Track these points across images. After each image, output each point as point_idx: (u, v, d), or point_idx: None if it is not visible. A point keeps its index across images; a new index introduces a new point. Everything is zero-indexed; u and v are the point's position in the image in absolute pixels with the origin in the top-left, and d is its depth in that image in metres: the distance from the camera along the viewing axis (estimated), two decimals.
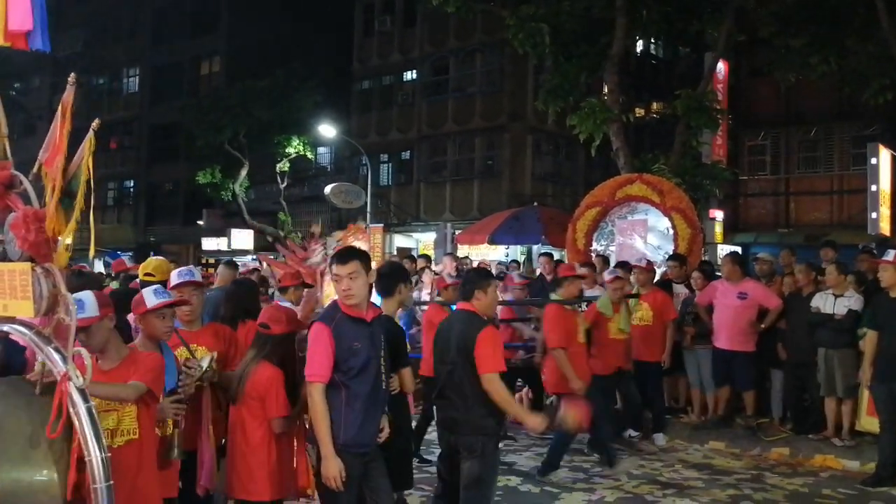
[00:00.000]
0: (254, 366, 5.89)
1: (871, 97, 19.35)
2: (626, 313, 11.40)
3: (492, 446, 6.45)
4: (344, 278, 5.66)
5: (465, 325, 6.57)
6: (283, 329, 5.99)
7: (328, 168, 44.79)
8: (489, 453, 6.43)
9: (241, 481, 5.85)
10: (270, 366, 5.86)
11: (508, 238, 25.48)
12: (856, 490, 9.80)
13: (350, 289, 5.66)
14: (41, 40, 4.74)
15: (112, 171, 51.79)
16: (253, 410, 5.82)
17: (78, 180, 4.38)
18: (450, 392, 6.55)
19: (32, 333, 4.19)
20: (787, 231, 33.22)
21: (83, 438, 3.99)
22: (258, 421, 5.81)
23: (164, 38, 50.65)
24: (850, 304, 11.06)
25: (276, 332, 5.98)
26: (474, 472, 6.40)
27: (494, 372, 6.35)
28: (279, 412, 5.77)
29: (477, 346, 6.34)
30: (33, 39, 4.69)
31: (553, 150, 37.34)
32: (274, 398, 5.77)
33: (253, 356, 5.99)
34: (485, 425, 6.41)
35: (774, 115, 34.03)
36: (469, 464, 6.42)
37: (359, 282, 5.68)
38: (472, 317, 6.66)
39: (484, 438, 6.40)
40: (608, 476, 10.32)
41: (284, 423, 5.83)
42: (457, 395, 6.48)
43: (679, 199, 15.61)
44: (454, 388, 6.50)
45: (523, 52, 20.46)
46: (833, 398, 11.33)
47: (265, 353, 5.93)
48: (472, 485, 6.41)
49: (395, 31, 40.02)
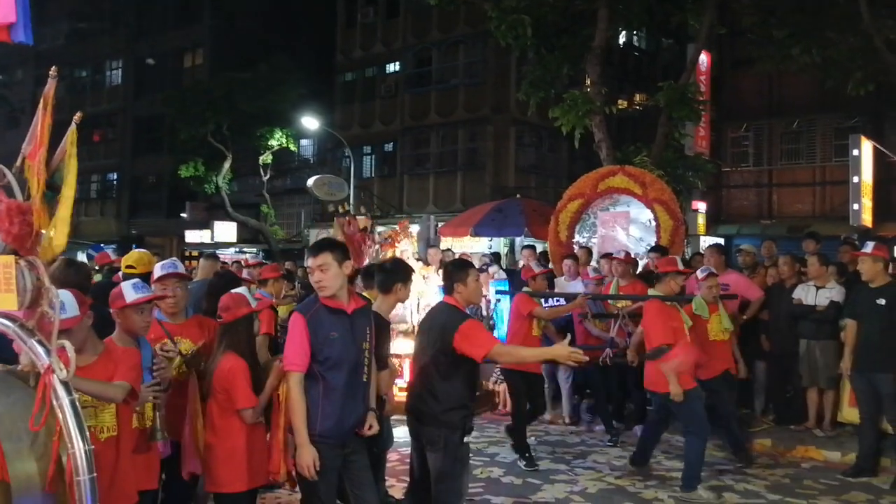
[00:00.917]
0: (218, 357, 5.89)
1: (853, 88, 19.42)
2: (724, 312, 10.83)
3: (456, 440, 6.41)
4: (315, 270, 5.71)
5: (445, 318, 6.57)
6: (231, 316, 5.96)
7: (311, 160, 44.75)
8: (452, 447, 6.40)
9: (210, 473, 5.86)
10: (233, 356, 5.85)
11: (491, 230, 25.47)
12: (837, 480, 9.86)
13: (321, 280, 5.70)
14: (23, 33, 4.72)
15: (95, 163, 51.65)
16: (220, 402, 5.82)
17: (61, 173, 4.38)
18: (419, 384, 6.58)
19: (16, 326, 4.18)
20: (770, 222, 33.29)
21: (66, 431, 4.00)
22: (226, 413, 5.80)
23: (147, 31, 50.45)
24: (831, 296, 11.14)
25: (225, 319, 5.97)
26: (438, 466, 6.40)
27: (489, 349, 6.33)
28: (244, 403, 5.76)
29: (460, 342, 6.31)
30: (16, 32, 4.67)
31: (536, 142, 37.36)
32: (238, 389, 5.76)
33: (216, 348, 6.01)
34: (449, 419, 6.39)
35: (757, 107, 34.06)
36: (434, 457, 6.43)
37: (329, 273, 5.69)
38: (452, 310, 6.65)
39: (447, 432, 6.37)
40: (590, 468, 10.38)
41: (253, 414, 5.81)
42: (425, 388, 6.49)
43: (661, 191, 15.64)
44: (424, 380, 6.52)
45: (506, 44, 20.44)
46: (815, 389, 11.43)
47: (224, 344, 5.94)
48: (439, 478, 6.41)
49: (377, 23, 39.98)
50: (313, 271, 5.72)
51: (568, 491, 9.39)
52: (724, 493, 9.26)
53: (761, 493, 9.36)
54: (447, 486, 6.41)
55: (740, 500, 9.11)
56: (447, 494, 6.44)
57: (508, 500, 9.05)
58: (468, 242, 26.24)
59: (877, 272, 9.90)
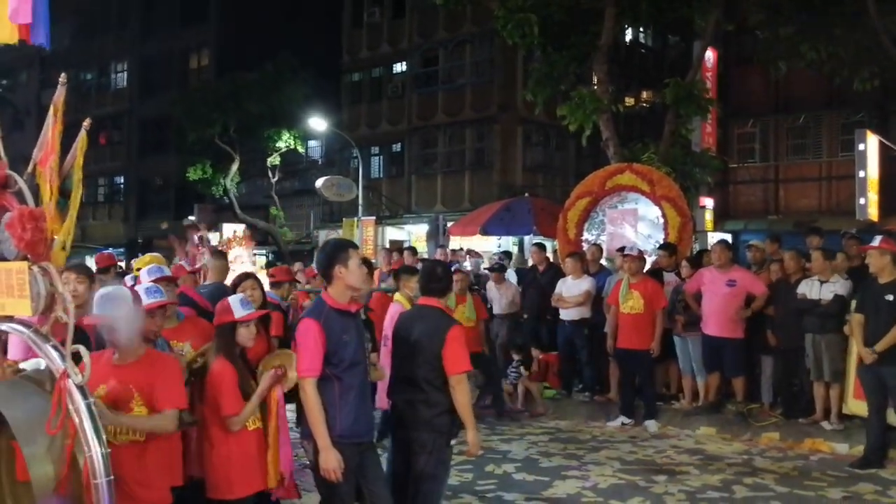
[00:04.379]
0: (211, 361, 5.88)
1: (859, 84, 19.43)
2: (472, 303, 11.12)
3: (442, 443, 6.38)
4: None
5: (432, 322, 6.48)
6: (216, 321, 5.98)
7: (319, 161, 44.62)
8: (439, 450, 6.37)
9: (208, 479, 5.82)
10: (221, 360, 5.83)
11: (500, 229, 25.51)
12: (845, 472, 9.89)
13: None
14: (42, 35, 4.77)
15: (102, 166, 51.54)
16: (211, 408, 5.78)
17: (72, 179, 4.43)
18: (406, 387, 6.46)
19: (31, 332, 4.24)
20: (777, 218, 33.25)
21: (83, 435, 4.05)
22: (216, 418, 5.76)
23: (152, 32, 50.45)
24: (836, 290, 11.14)
25: (216, 322, 5.99)
26: (423, 468, 6.34)
27: (463, 373, 6.32)
28: (229, 409, 5.70)
29: (446, 347, 6.26)
30: (35, 34, 4.72)
31: (543, 141, 37.26)
32: (224, 395, 5.72)
33: (210, 350, 6.01)
34: (438, 423, 6.34)
35: (763, 103, 34.03)
36: (421, 459, 6.36)
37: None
38: (439, 314, 6.59)
39: (436, 435, 6.33)
40: (601, 463, 10.42)
41: (238, 422, 5.74)
42: (414, 391, 6.39)
43: (669, 188, 15.68)
44: (411, 384, 6.41)
45: (512, 43, 20.44)
46: (821, 383, 11.43)
47: (216, 347, 5.94)
48: (422, 479, 6.36)
49: (384, 23, 39.88)
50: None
51: (579, 487, 9.41)
52: (733, 486, 9.31)
53: (770, 486, 9.39)
54: (430, 488, 6.39)
55: (749, 492, 9.15)
56: (430, 496, 6.44)
57: (520, 496, 9.09)
58: (476, 241, 26.26)
59: (884, 266, 9.93)
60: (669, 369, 13.73)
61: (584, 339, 13.79)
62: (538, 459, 10.71)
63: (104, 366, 4.99)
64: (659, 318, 12.40)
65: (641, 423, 12.41)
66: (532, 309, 14.99)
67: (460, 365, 6.30)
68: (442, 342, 6.27)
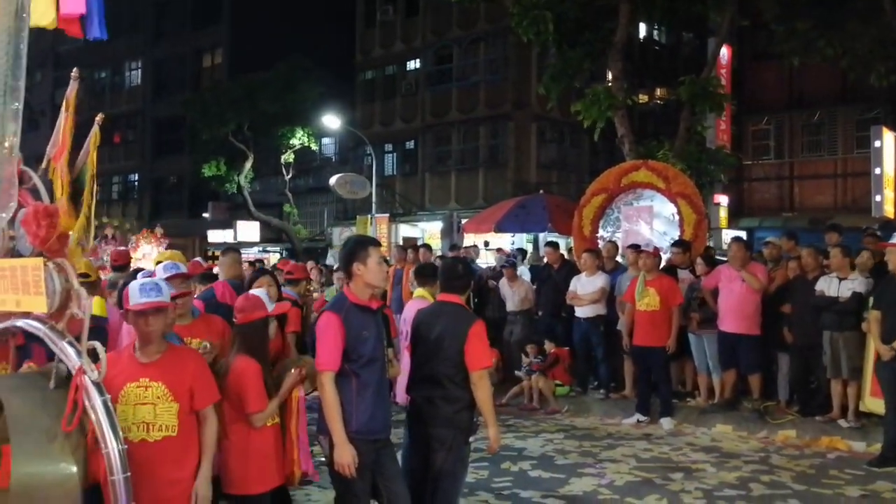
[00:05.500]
0: (232, 359, 5.84)
1: (875, 80, 19.36)
2: None
3: (461, 440, 6.37)
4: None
5: (454, 318, 6.48)
6: (245, 318, 5.93)
7: (333, 159, 44.77)
8: (458, 447, 6.36)
9: (226, 475, 5.76)
10: (245, 358, 5.78)
11: (514, 226, 25.45)
12: (862, 470, 9.82)
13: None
14: (98, 27, 4.70)
15: (116, 165, 51.83)
16: (233, 404, 5.72)
17: (84, 176, 4.41)
18: (426, 384, 6.45)
19: (46, 328, 4.22)
20: (792, 215, 33.22)
21: (99, 431, 4.03)
22: (237, 414, 5.71)
23: (165, 32, 50.60)
24: (854, 287, 11.08)
25: (239, 321, 5.95)
26: (442, 465, 6.32)
27: (485, 369, 6.33)
28: (255, 406, 5.67)
29: (468, 343, 6.26)
30: (89, 27, 4.66)
31: (557, 138, 37.27)
32: (249, 392, 5.67)
33: (230, 349, 6.00)
34: (458, 419, 6.33)
35: (778, 100, 34.01)
36: (440, 456, 6.33)
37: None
38: (460, 310, 6.60)
39: (455, 432, 6.32)
40: (617, 461, 10.39)
41: (262, 418, 5.72)
42: (434, 388, 6.38)
43: (684, 185, 15.63)
44: (431, 381, 6.40)
45: (527, 41, 20.41)
46: (839, 380, 11.37)
47: (237, 345, 5.90)
48: (442, 477, 6.34)
49: (397, 21, 39.94)
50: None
51: (595, 484, 9.38)
52: (749, 484, 9.27)
53: (787, 484, 9.34)
54: (448, 485, 6.37)
55: (766, 490, 9.10)
56: (448, 493, 6.41)
57: (537, 493, 9.05)
58: (491, 238, 26.23)
59: None
60: (685, 367, 13.68)
61: (600, 336, 13.79)
62: (554, 457, 10.67)
63: (128, 364, 4.93)
64: (675, 314, 12.36)
65: (657, 421, 12.36)
66: (547, 306, 14.96)
67: (482, 361, 6.31)
68: (464, 338, 6.26)
